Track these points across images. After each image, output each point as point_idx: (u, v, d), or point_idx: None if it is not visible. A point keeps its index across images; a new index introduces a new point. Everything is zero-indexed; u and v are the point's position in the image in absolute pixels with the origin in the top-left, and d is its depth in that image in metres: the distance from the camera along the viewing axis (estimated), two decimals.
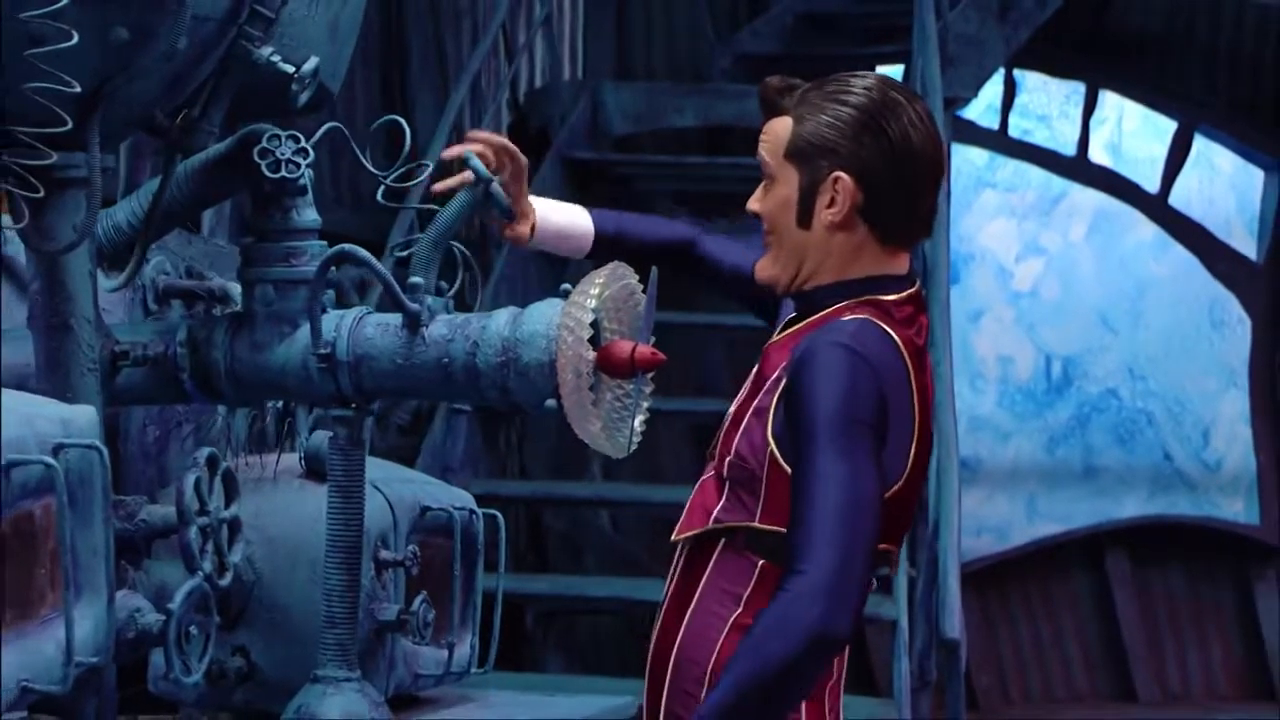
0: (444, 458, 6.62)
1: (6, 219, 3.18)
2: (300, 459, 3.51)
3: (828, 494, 2.67)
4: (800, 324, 2.90)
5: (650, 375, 3.05)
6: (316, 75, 3.14)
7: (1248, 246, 10.60)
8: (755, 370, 2.91)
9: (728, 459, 2.83)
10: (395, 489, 3.55)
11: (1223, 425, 10.62)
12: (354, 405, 3.19)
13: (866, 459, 2.73)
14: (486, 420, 7.13)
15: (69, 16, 2.76)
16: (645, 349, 3.00)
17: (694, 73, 9.48)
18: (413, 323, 3.12)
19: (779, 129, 2.87)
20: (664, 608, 2.91)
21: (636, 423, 3.07)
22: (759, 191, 2.90)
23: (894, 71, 9.68)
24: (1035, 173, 10.42)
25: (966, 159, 10.19)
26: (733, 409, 2.92)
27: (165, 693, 3.49)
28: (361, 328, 3.16)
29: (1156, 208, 10.45)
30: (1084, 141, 10.32)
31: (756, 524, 2.78)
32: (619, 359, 3.00)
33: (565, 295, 3.07)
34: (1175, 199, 10.48)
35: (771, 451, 2.77)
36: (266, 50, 3.08)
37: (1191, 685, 10.18)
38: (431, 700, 3.70)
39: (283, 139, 3.17)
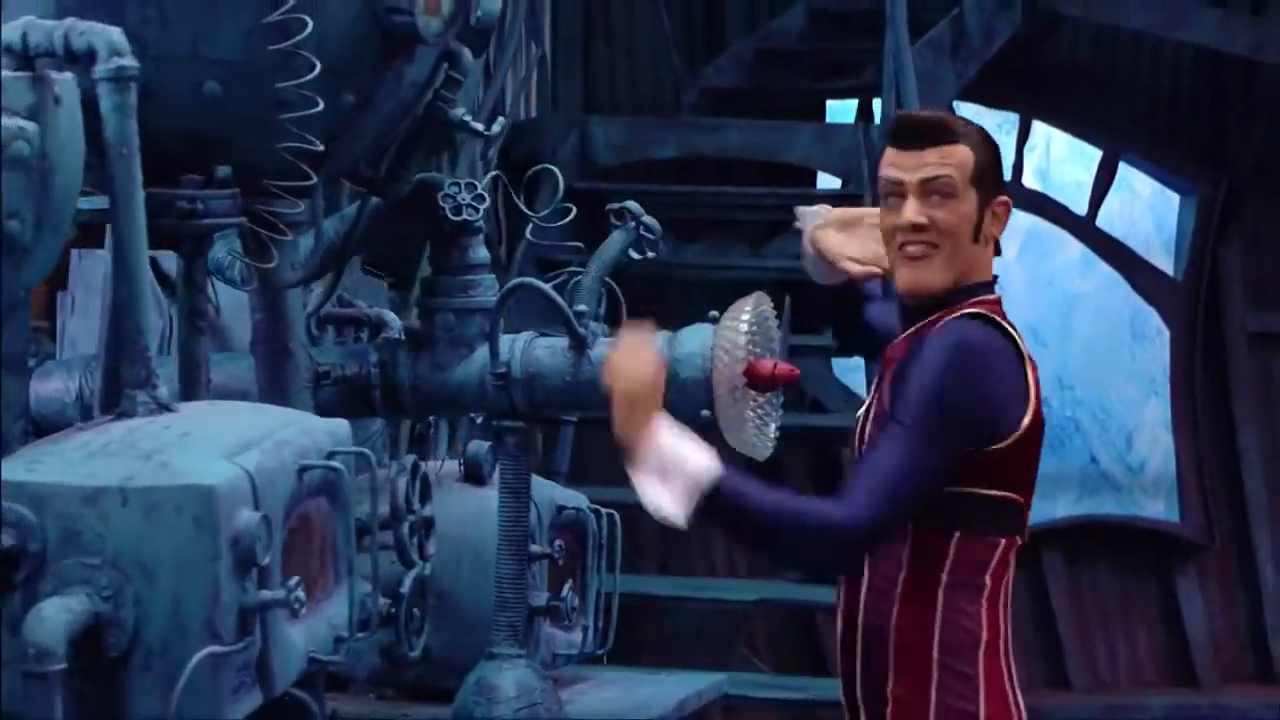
0: (551, 464, 6.89)
1: (218, 252, 3.52)
2: (459, 465, 3.89)
3: (891, 457, 3.08)
4: (923, 321, 3.27)
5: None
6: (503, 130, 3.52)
7: (1166, 264, 11.02)
8: (880, 373, 3.31)
9: (863, 449, 3.23)
10: (535, 491, 3.93)
11: (1145, 430, 10.98)
12: (524, 418, 3.58)
13: (938, 455, 3.13)
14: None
15: (311, 85, 3.15)
16: (785, 366, 3.42)
17: (658, 106, 9.87)
18: (579, 344, 3.52)
19: (961, 155, 3.21)
20: (843, 597, 3.27)
21: (772, 429, 3.49)
22: (931, 205, 3.20)
23: (848, 105, 10.16)
24: None
25: None
26: (870, 412, 3.31)
27: (340, 671, 3.85)
28: (532, 349, 3.55)
29: (1083, 229, 10.82)
30: (1018, 167, 10.76)
31: None
32: (763, 375, 3.42)
33: (713, 321, 3.48)
34: (1101, 221, 10.90)
35: None
36: (460, 110, 3.47)
37: (1120, 673, 10.46)
38: (554, 678, 4.07)
39: (462, 186, 3.56)
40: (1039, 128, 10.82)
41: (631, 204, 3.53)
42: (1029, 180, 10.85)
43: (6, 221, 2.71)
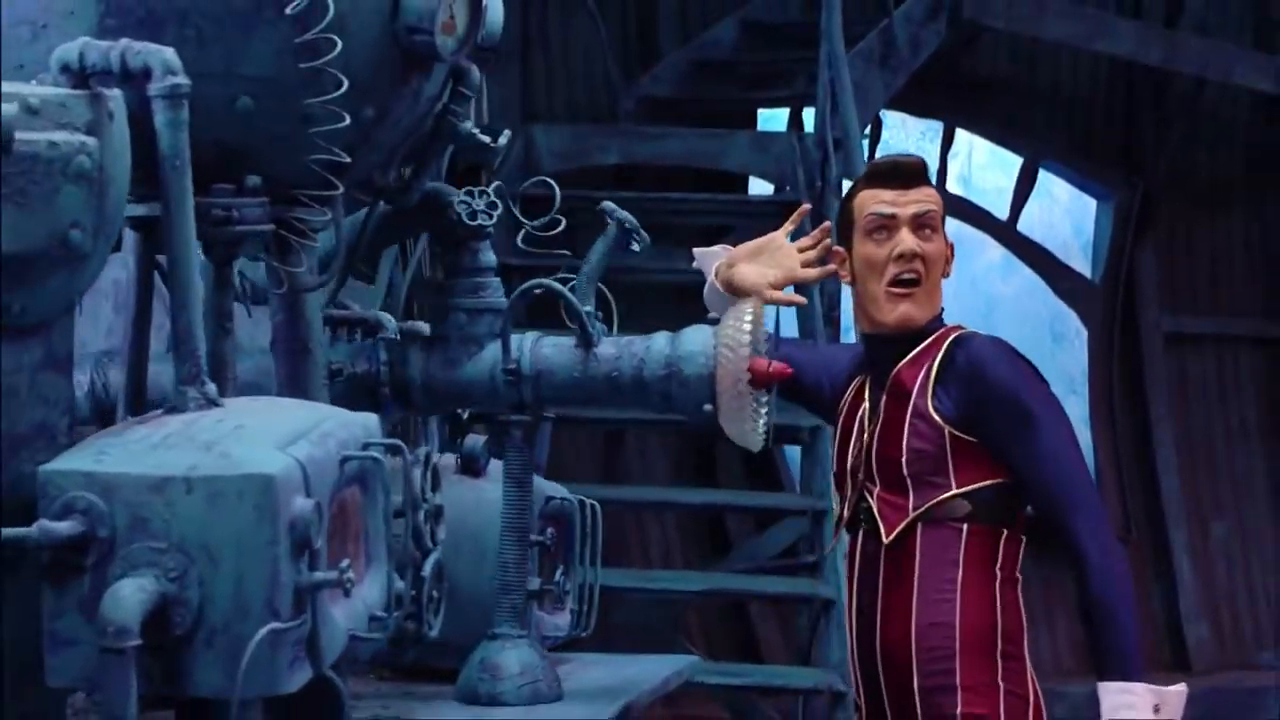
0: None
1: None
2: (456, 458, 4.06)
3: (1068, 458, 3.33)
4: (916, 349, 3.55)
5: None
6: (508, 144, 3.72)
7: (1084, 267, 11.35)
8: (885, 395, 3.56)
9: (902, 460, 3.47)
10: None
11: None
12: (531, 412, 3.76)
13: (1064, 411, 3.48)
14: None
15: (336, 101, 3.32)
16: (779, 364, 3.63)
17: (594, 115, 10.06)
18: (587, 342, 3.71)
19: (936, 196, 3.62)
20: (880, 601, 3.53)
21: (763, 423, 3.70)
22: (921, 237, 3.55)
23: (779, 114, 10.39)
24: None
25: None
26: (873, 429, 3.57)
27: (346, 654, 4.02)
28: (540, 347, 3.74)
29: (1005, 233, 11.14)
30: (941, 174, 11.04)
31: (955, 490, 3.42)
32: (761, 372, 3.62)
33: (713, 323, 3.68)
34: (1021, 225, 11.20)
35: (950, 433, 3.41)
36: (468, 124, 3.65)
37: (1042, 662, 10.69)
38: None
39: (476, 194, 3.74)
40: (961, 135, 11.13)
41: (607, 204, 3.74)
42: (952, 186, 11.14)
43: (70, 231, 2.87)
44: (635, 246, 3.78)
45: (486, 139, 3.68)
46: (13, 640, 2.92)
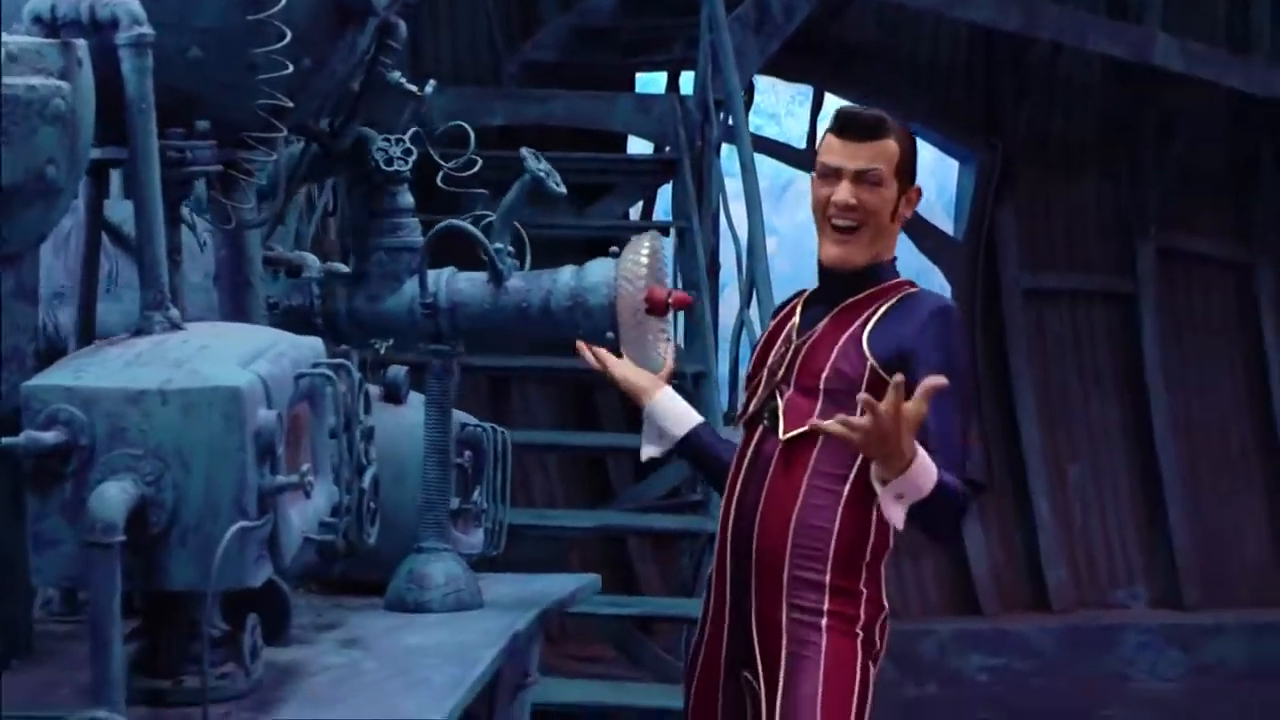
0: None
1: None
2: (379, 386, 4.31)
3: (949, 417, 3.67)
4: (872, 290, 3.83)
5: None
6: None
7: (947, 225, 11.70)
8: (828, 318, 3.84)
9: (823, 375, 3.75)
10: None
11: None
12: (448, 342, 4.03)
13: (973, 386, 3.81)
14: None
15: (279, 51, 3.57)
16: (679, 293, 3.92)
17: (478, 79, 10.29)
18: (498, 278, 3.98)
19: (890, 149, 3.81)
20: (765, 492, 3.81)
21: (664, 349, 3.99)
22: (861, 190, 3.78)
23: (657, 78, 10.67)
24: (768, 163, 11.42)
25: None
26: (804, 340, 3.84)
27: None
28: (455, 281, 4.00)
29: None
30: (811, 136, 11.36)
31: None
32: (659, 301, 3.90)
33: (615, 256, 3.96)
34: None
35: (873, 367, 3.70)
36: (395, 74, 3.91)
37: (910, 602, 11.08)
38: None
39: (393, 142, 4.00)
40: (830, 100, 11.42)
41: (526, 155, 4.00)
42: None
43: (46, 167, 3.11)
44: (557, 187, 4.04)
45: (414, 88, 3.93)
46: None
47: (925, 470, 3.54)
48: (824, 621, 3.78)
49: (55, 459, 3.03)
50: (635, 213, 10.44)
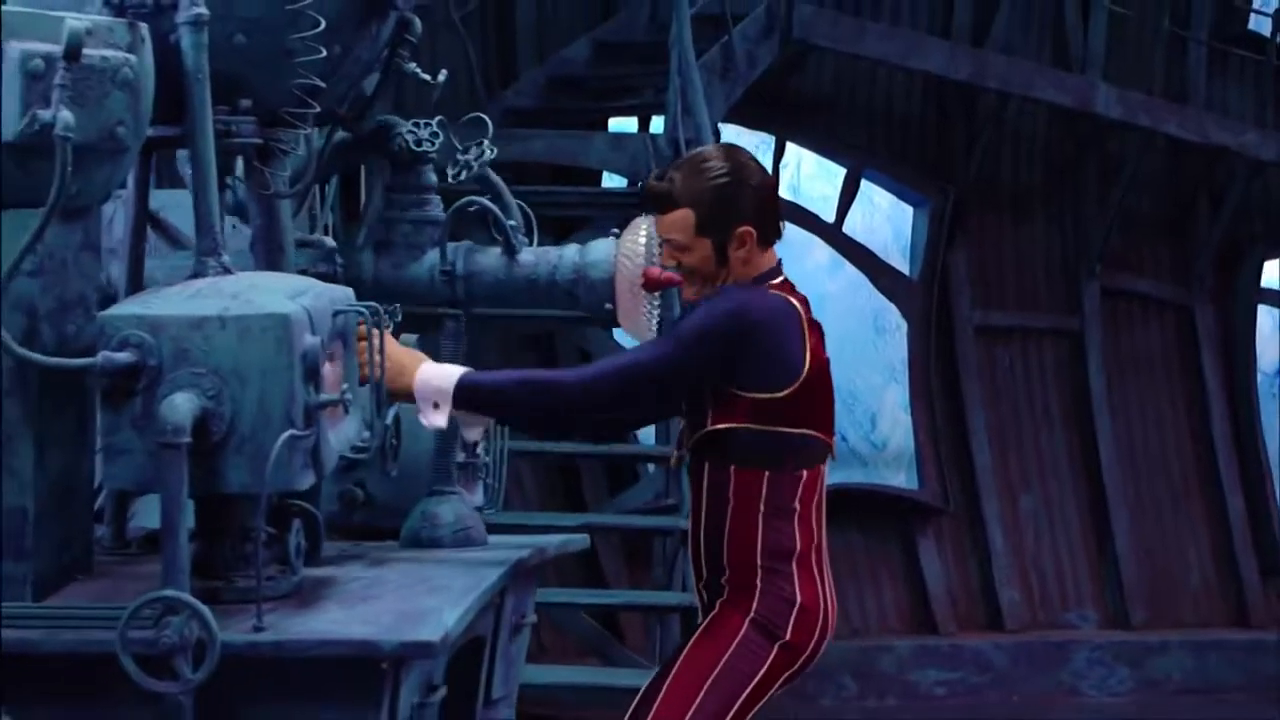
0: None
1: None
2: None
3: (639, 355, 3.86)
4: None
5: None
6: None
7: (903, 266, 12.06)
8: None
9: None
10: None
11: (886, 412, 11.95)
12: (462, 307, 4.42)
13: (685, 358, 3.80)
14: None
15: (313, 38, 3.97)
16: (669, 273, 4.31)
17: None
18: (510, 250, 4.38)
19: (680, 220, 3.86)
20: (691, 508, 4.02)
21: (653, 322, 4.39)
22: (674, 253, 3.90)
23: (628, 122, 11.09)
24: None
25: None
26: None
27: None
28: (471, 253, 4.40)
29: (831, 235, 11.80)
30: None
31: (711, 428, 3.85)
32: (654, 278, 4.30)
33: (616, 236, 4.37)
34: (846, 228, 11.90)
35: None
36: (411, 65, 4.31)
37: (870, 621, 11.34)
38: None
39: (421, 125, 4.40)
40: (791, 148, 11.80)
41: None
42: (783, 193, 11.76)
43: (117, 128, 3.50)
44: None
45: (428, 77, 4.34)
46: (54, 471, 3.53)
47: (437, 375, 3.78)
48: (720, 599, 3.93)
49: (127, 377, 3.41)
50: None
